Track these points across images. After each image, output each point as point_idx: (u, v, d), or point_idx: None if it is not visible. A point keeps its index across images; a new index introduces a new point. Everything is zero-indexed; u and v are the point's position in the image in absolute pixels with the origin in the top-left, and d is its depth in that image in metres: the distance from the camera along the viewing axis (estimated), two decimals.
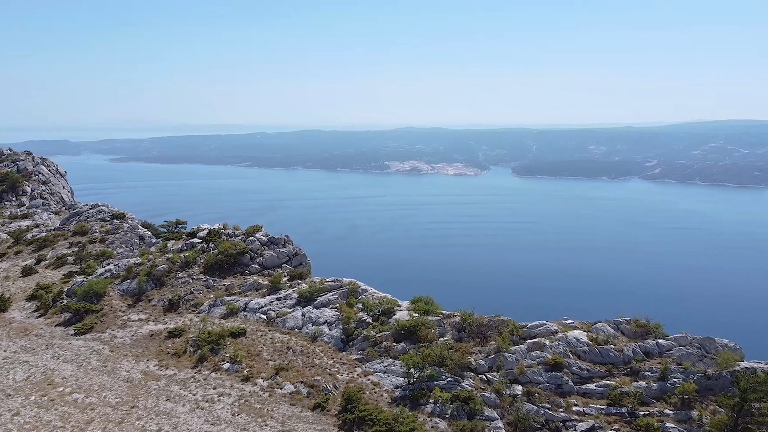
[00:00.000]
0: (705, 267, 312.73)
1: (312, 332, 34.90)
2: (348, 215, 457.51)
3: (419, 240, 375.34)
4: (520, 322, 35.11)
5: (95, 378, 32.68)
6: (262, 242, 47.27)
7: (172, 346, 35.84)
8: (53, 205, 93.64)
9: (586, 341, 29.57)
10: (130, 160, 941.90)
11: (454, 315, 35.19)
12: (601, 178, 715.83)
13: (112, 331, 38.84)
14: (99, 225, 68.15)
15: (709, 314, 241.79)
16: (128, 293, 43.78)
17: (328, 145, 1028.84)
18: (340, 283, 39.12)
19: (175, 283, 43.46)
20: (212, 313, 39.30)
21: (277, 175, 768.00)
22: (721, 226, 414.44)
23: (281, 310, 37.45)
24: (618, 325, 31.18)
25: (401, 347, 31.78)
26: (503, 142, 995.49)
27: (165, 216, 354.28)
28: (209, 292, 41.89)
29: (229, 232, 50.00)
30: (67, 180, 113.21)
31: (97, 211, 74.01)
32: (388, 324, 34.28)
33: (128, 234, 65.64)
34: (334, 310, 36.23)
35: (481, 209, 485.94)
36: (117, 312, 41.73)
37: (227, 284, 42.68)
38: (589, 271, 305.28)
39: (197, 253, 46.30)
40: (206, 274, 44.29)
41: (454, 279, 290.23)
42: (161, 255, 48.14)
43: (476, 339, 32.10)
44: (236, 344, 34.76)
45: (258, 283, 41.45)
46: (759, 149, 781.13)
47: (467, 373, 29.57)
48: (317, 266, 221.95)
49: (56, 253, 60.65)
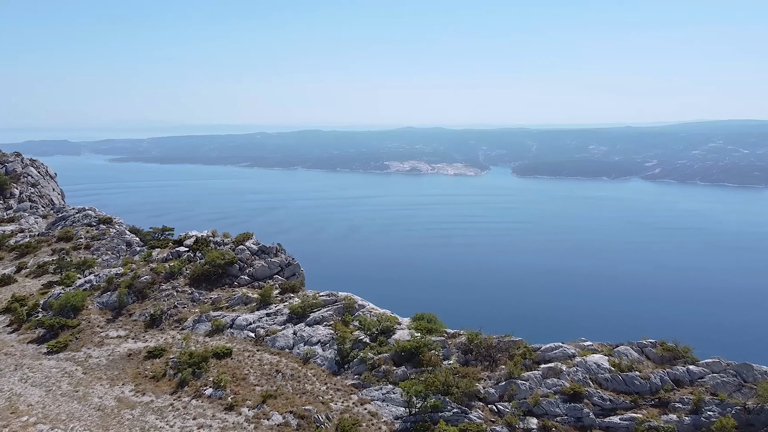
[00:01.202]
0: (706, 267, 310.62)
1: (304, 353, 31.86)
2: (348, 215, 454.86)
3: (419, 240, 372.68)
4: (527, 336, 32.23)
5: (64, 405, 29.63)
6: (252, 251, 44.18)
7: (151, 368, 32.79)
8: (41, 208, 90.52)
9: (607, 367, 26.56)
10: (130, 160, 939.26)
11: (460, 334, 32.10)
12: (601, 178, 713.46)
13: (88, 350, 35.77)
14: (85, 230, 65.07)
15: (710, 314, 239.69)
16: (108, 307, 40.72)
17: (328, 145, 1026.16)
18: (335, 298, 36.06)
19: (159, 296, 40.42)
20: (197, 329, 36.25)
21: (277, 175, 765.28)
22: (721, 226, 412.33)
23: (271, 328, 34.42)
24: (642, 348, 28.12)
25: (402, 372, 28.76)
26: (503, 142, 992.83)
27: (165, 216, 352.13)
28: (194, 307, 38.85)
29: (218, 239, 46.93)
30: (57, 182, 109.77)
31: (84, 215, 70.86)
32: (387, 345, 31.22)
33: (115, 240, 62.46)
34: (329, 328, 33.21)
35: (481, 209, 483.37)
36: (95, 328, 38.66)
37: (214, 297, 39.62)
38: (589, 271, 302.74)
39: (183, 263, 43.26)
40: (192, 286, 41.22)
41: (454, 280, 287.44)
42: (145, 264, 45.08)
43: (484, 362, 29.06)
44: (221, 366, 31.72)
45: (247, 297, 38.40)
46: (759, 149, 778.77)
47: (475, 402, 26.57)
48: (317, 267, 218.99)
49: (38, 261, 57.60)
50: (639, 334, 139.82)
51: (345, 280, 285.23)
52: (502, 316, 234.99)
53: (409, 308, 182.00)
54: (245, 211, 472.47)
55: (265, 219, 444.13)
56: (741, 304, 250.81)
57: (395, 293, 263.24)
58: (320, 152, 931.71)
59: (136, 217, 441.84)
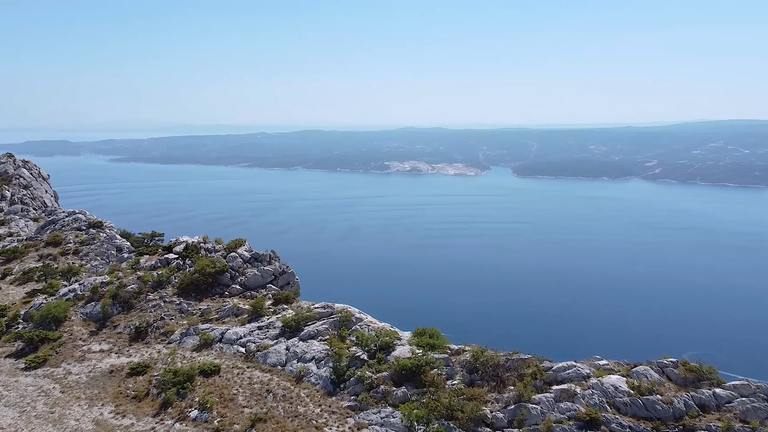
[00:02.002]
0: (706, 267, 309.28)
1: (297, 371, 29.68)
2: (348, 216, 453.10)
3: (420, 240, 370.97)
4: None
5: (38, 429, 27.45)
6: (244, 259, 41.95)
7: (134, 386, 30.62)
8: (32, 210, 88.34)
9: (626, 390, 24.39)
10: (130, 160, 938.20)
11: (464, 350, 29.93)
12: (601, 178, 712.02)
13: (68, 366, 33.59)
14: (74, 235, 62.83)
15: (712, 314, 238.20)
16: (92, 318, 38.55)
17: (328, 145, 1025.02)
18: (330, 310, 33.84)
19: (145, 307, 38.24)
20: (184, 343, 34.08)
21: (277, 175, 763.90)
22: (722, 226, 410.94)
23: (262, 342, 32.25)
24: (663, 368, 25.92)
25: (402, 393, 26.60)
26: (503, 142, 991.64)
27: (165, 216, 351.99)
28: (182, 318, 36.67)
29: (209, 246, 44.72)
30: (50, 183, 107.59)
31: (74, 219, 68.56)
32: (386, 362, 29.03)
33: (104, 245, 60.22)
34: (323, 344, 31.01)
35: (481, 209, 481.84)
36: (77, 341, 36.48)
37: (203, 308, 37.42)
38: (590, 271, 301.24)
39: (172, 271, 41.09)
40: (181, 295, 39.03)
41: (455, 279, 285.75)
42: (132, 272, 42.90)
43: (491, 383, 26.89)
44: (207, 385, 29.54)
45: (238, 308, 36.20)
46: (760, 149, 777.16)
47: (482, 428, 24.38)
48: (317, 267, 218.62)
49: (24, 267, 55.45)
50: (640, 332, 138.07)
51: (345, 281, 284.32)
52: (503, 315, 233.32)
53: (409, 308, 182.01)
54: (245, 211, 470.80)
55: (265, 219, 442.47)
56: (741, 304, 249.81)
57: (395, 293, 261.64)
58: (320, 152, 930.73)
59: (137, 218, 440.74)
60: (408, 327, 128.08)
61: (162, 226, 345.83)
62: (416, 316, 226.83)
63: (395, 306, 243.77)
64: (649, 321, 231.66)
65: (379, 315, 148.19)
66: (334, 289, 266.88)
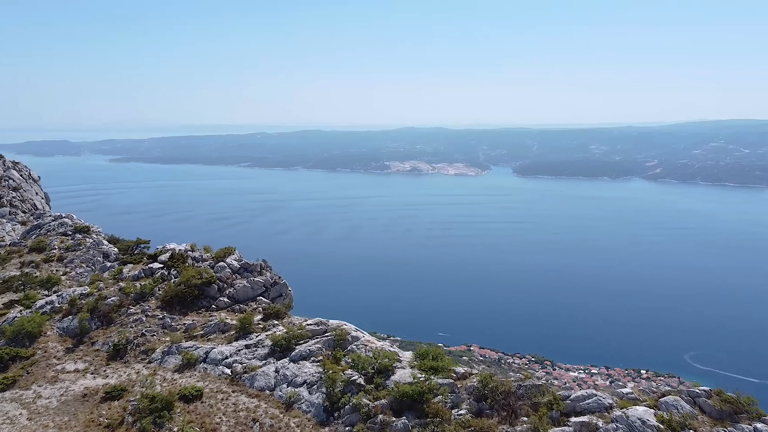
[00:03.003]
0: (706, 267, 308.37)
1: (287, 396, 26.95)
2: (348, 215, 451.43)
3: (420, 240, 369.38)
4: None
5: None
6: (233, 269, 39.16)
7: (107, 413, 27.85)
8: (20, 214, 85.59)
9: (654, 424, 21.64)
10: (131, 160, 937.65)
11: (471, 375, 27.17)
12: (602, 177, 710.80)
13: (39, 388, 30.84)
14: (59, 240, 59.97)
15: (713, 314, 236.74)
16: (69, 333, 35.78)
17: (328, 145, 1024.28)
18: (324, 327, 31.06)
19: (126, 321, 35.46)
20: (165, 363, 31.33)
21: (278, 175, 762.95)
22: (722, 226, 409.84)
23: (250, 363, 29.50)
24: (695, 398, 23.14)
25: (402, 424, 23.87)
26: (504, 142, 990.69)
27: (165, 216, 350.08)
28: (165, 335, 33.94)
29: (196, 255, 41.94)
30: (41, 185, 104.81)
31: (60, 223, 65.73)
32: (384, 388, 26.29)
33: (90, 251, 57.27)
34: (316, 366, 28.27)
35: (481, 209, 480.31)
36: (51, 359, 33.71)
37: (188, 323, 34.66)
38: (591, 271, 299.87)
39: (156, 282, 38.35)
40: (164, 309, 36.27)
41: (455, 279, 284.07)
42: (114, 283, 40.17)
43: (502, 413, 24.17)
44: (188, 413, 26.79)
45: (225, 324, 33.46)
46: (760, 149, 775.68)
47: None
48: (317, 267, 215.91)
49: (4, 275, 52.69)
50: (640, 332, 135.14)
51: (345, 281, 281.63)
52: (503, 315, 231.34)
53: (410, 308, 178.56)
54: (245, 211, 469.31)
55: (265, 219, 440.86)
56: (742, 304, 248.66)
57: (396, 293, 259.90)
58: (321, 152, 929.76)
59: (137, 218, 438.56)
60: (408, 327, 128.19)
61: (162, 226, 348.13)
62: (416, 316, 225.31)
63: (395, 306, 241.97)
64: (649, 320, 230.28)
65: (379, 314, 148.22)
66: (335, 289, 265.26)
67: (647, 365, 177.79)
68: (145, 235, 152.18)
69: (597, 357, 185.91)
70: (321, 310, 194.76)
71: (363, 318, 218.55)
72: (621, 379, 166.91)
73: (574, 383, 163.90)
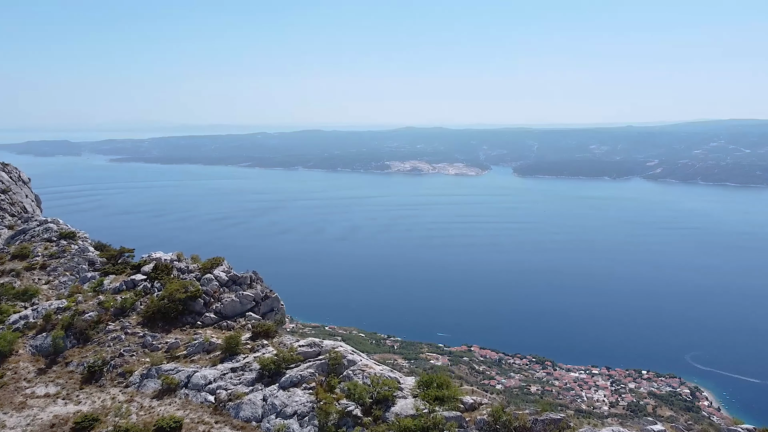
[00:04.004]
0: (707, 267, 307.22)
1: (275, 430, 24.21)
2: (348, 215, 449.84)
3: (420, 240, 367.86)
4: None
5: None
6: (221, 282, 36.30)
7: None
8: (8, 217, 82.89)
9: None
10: (131, 160, 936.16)
11: (481, 405, 24.40)
12: (602, 177, 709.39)
13: (4, 416, 28.04)
14: (43, 247, 57.11)
15: (714, 314, 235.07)
16: (42, 351, 32.89)
17: (328, 145, 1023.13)
18: (317, 350, 28.20)
19: (103, 339, 32.71)
20: (144, 387, 28.48)
21: (278, 175, 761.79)
22: (723, 226, 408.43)
23: (236, 390, 26.65)
24: None
25: None
26: (504, 141, 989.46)
27: (166, 217, 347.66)
28: (145, 355, 31.23)
29: (182, 265, 39.19)
30: (31, 187, 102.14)
31: (44, 228, 62.65)
32: (384, 421, 23.54)
33: (75, 258, 54.16)
34: (308, 394, 25.47)
35: (482, 209, 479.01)
36: (20, 381, 30.78)
37: (171, 342, 31.79)
38: (592, 271, 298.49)
39: (138, 295, 35.64)
40: (146, 326, 33.40)
41: (455, 279, 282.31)
42: (94, 296, 37.44)
43: None
44: None
45: (210, 343, 30.58)
46: (761, 148, 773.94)
47: None
48: (316, 267, 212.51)
49: None
50: (641, 332, 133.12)
51: (345, 281, 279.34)
52: (504, 315, 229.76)
53: (410, 308, 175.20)
54: (246, 211, 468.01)
55: (265, 219, 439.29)
56: (743, 304, 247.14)
57: (396, 293, 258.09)
58: (321, 152, 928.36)
59: (137, 218, 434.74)
60: (408, 327, 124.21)
61: (162, 227, 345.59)
62: (416, 316, 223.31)
63: (395, 306, 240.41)
64: (650, 320, 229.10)
65: (379, 314, 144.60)
66: (335, 289, 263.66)
67: (648, 365, 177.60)
68: (144, 235, 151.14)
69: (598, 357, 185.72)
70: (321, 309, 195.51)
71: (363, 318, 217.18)
72: (622, 380, 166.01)
73: (575, 383, 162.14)
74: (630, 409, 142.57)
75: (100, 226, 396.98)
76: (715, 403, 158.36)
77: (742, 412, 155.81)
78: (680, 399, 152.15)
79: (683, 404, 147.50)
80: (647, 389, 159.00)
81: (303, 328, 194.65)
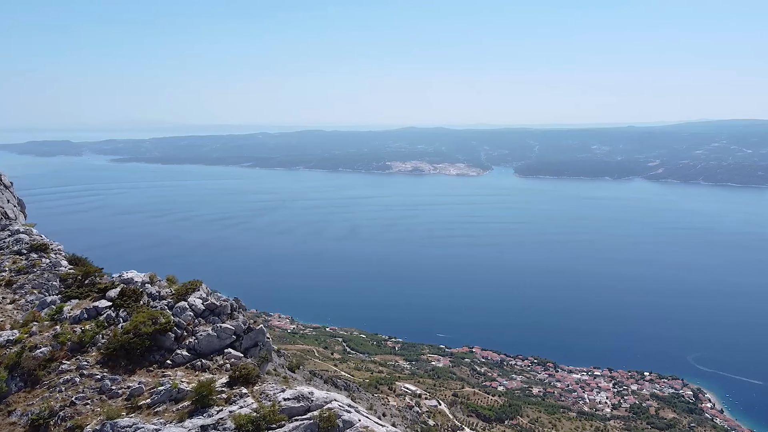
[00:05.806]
0: (707, 266, 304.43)
1: None
2: (349, 215, 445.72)
3: (421, 240, 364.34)
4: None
5: None
6: (197, 311, 31.02)
7: None
8: None
9: None
10: (132, 160, 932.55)
11: None
12: (603, 178, 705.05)
13: None
14: (11, 260, 51.78)
15: (715, 314, 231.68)
16: None
17: (329, 145, 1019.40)
18: (306, 405, 23.15)
19: (55, 382, 27.60)
20: None
21: (279, 175, 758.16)
22: (725, 226, 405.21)
23: None
24: None
25: None
26: (505, 142, 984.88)
27: (166, 217, 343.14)
28: (101, 402, 26.21)
29: (154, 290, 34.04)
30: (13, 192, 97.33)
31: (15, 240, 57.26)
32: None
33: (45, 274, 48.68)
34: None
35: (483, 209, 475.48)
36: None
37: (134, 387, 26.51)
38: (592, 271, 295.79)
39: (100, 326, 30.57)
40: (106, 365, 28.29)
41: (456, 279, 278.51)
42: (51, 325, 32.37)
43: None
44: None
45: (178, 390, 25.45)
46: (762, 149, 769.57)
47: None
48: (316, 267, 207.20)
49: None
50: (642, 332, 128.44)
51: (345, 281, 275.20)
52: (504, 315, 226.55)
53: (410, 308, 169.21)
54: (246, 211, 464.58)
55: (266, 219, 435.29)
56: (744, 305, 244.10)
57: (396, 293, 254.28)
58: (322, 152, 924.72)
59: (137, 218, 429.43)
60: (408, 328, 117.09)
61: (163, 227, 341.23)
62: (417, 317, 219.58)
63: (396, 306, 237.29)
64: (651, 321, 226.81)
65: (380, 315, 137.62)
66: (335, 289, 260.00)
67: (650, 367, 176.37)
68: (144, 235, 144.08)
69: (600, 359, 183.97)
70: (322, 310, 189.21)
71: (364, 318, 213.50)
72: (625, 382, 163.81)
73: (577, 385, 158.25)
74: (633, 411, 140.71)
75: (101, 226, 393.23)
76: (718, 405, 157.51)
77: (745, 414, 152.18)
78: (683, 401, 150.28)
79: (686, 406, 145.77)
80: (650, 391, 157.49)
81: (303, 329, 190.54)
